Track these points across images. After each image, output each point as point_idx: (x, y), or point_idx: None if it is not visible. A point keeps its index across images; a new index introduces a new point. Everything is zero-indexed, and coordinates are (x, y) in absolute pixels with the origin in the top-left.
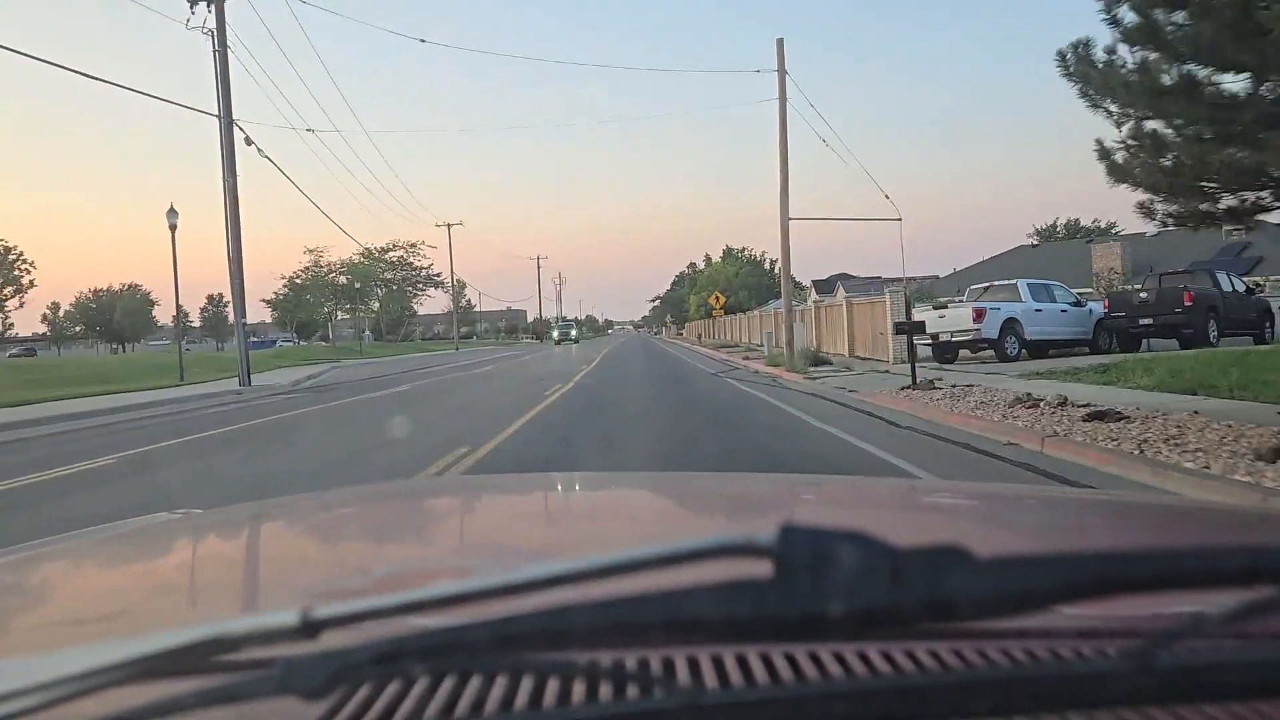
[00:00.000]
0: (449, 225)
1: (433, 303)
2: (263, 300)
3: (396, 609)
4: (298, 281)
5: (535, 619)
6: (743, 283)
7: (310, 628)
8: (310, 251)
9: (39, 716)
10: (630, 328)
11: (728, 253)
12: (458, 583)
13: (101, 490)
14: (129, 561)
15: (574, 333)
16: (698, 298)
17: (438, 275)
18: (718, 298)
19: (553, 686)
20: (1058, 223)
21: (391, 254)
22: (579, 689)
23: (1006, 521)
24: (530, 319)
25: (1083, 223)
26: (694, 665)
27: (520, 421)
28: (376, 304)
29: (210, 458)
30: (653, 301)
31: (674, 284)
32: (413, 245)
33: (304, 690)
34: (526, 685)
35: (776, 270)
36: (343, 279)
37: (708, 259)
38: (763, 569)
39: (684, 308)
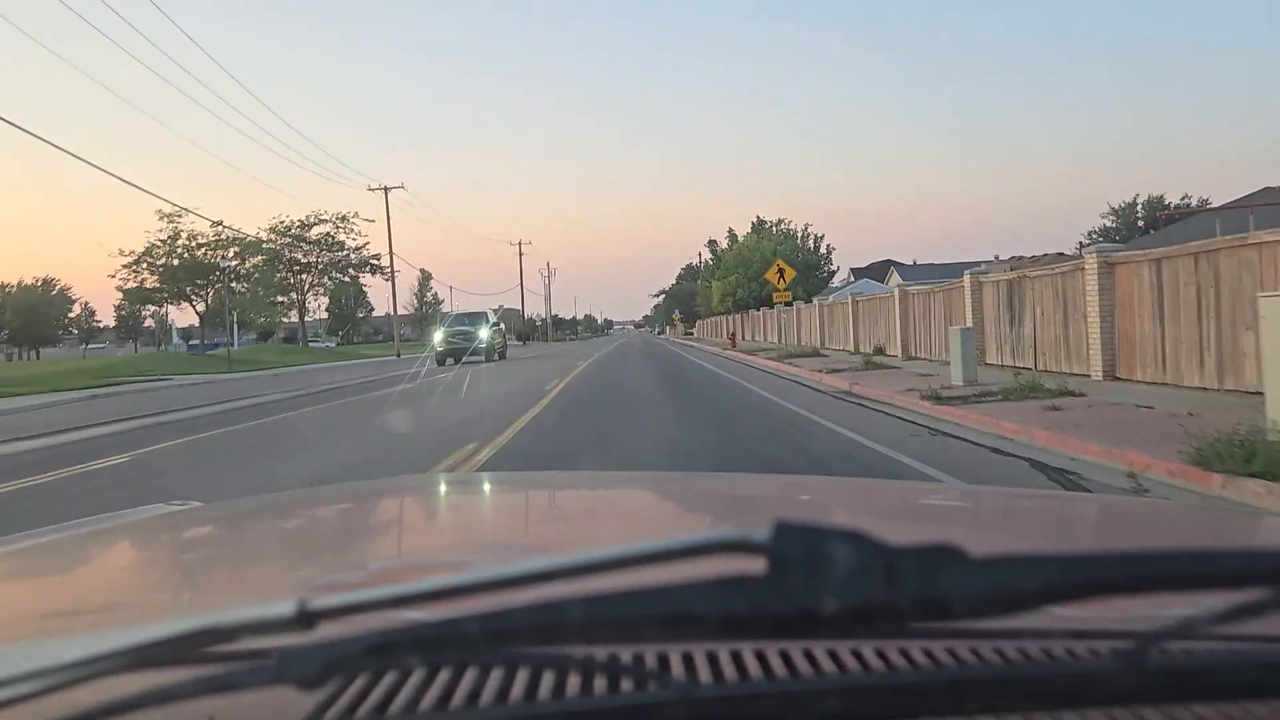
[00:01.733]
0: (385, 189)
1: (397, 299)
2: (118, 289)
3: (392, 601)
4: (170, 263)
5: (529, 613)
6: (786, 262)
7: (306, 619)
8: (166, 219)
9: (36, 704)
10: (631, 327)
11: (759, 226)
12: (453, 576)
13: None
14: (127, 551)
15: (485, 336)
16: (723, 283)
17: (375, 258)
18: (782, 271)
19: (548, 680)
20: (1138, 199)
21: (316, 229)
22: (574, 683)
23: (1001, 522)
24: (529, 316)
25: (1168, 199)
26: (688, 660)
27: None
28: (294, 295)
29: None
30: (656, 296)
31: (680, 278)
32: (343, 218)
33: (299, 680)
34: (522, 678)
35: (826, 248)
36: (226, 258)
37: (731, 235)
38: (757, 565)
39: (694, 303)
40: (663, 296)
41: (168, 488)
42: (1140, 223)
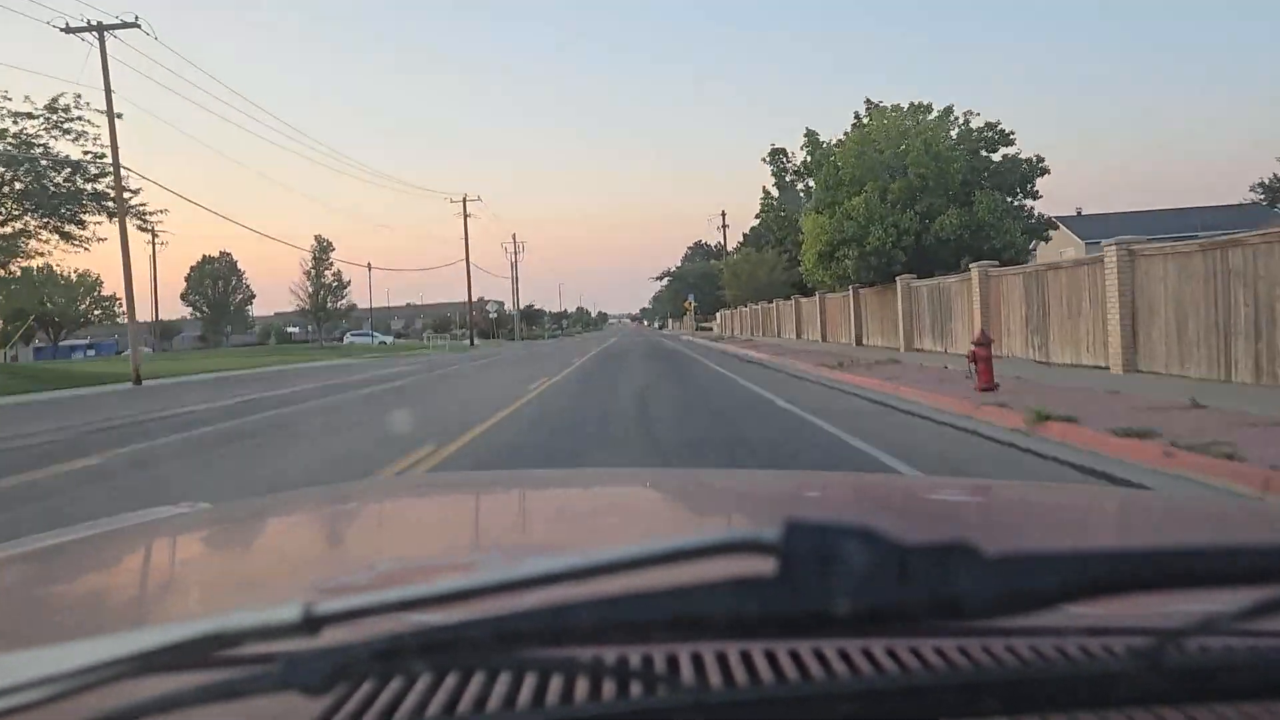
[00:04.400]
0: (100, 27)
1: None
2: None
3: (399, 605)
4: None
5: (537, 616)
6: (960, 172)
7: (312, 623)
8: None
9: (42, 711)
10: (628, 320)
11: (872, 113)
12: (460, 579)
13: None
14: (133, 555)
15: None
16: (828, 222)
17: (107, 188)
18: None
19: (556, 684)
20: None
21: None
22: (582, 686)
23: (1015, 519)
24: (513, 309)
25: None
26: (698, 662)
27: None
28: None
29: None
30: (658, 280)
31: (688, 257)
32: (58, 108)
33: (305, 686)
34: (530, 682)
35: (1035, 159)
36: None
37: (811, 140)
38: (767, 566)
39: (716, 284)
40: (666, 279)
41: None
42: None
